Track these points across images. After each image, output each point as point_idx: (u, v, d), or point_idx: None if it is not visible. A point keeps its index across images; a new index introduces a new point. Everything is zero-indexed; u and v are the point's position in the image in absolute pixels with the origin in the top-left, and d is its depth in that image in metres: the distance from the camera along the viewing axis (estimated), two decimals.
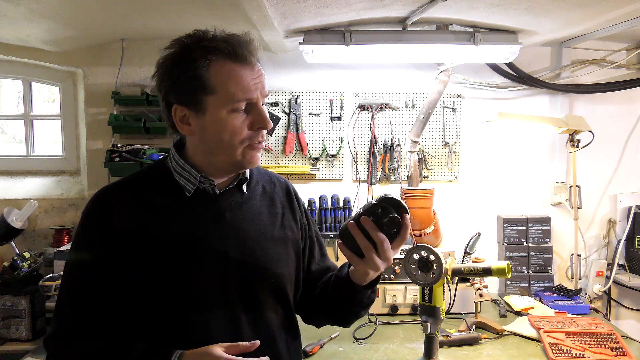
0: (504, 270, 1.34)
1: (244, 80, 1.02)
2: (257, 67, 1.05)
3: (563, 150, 2.49)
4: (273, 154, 2.53)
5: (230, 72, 1.01)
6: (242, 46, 1.01)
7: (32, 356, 1.84)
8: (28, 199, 2.38)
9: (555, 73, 2.52)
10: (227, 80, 1.01)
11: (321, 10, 1.77)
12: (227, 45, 1.01)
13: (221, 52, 1.01)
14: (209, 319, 1.07)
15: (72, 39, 2.33)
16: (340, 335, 1.97)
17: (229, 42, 1.01)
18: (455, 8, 1.81)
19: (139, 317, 1.07)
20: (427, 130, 2.51)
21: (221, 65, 1.01)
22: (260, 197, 1.20)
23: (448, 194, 2.56)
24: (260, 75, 1.05)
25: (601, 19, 1.95)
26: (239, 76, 1.01)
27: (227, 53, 1.01)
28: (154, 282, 1.05)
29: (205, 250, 1.08)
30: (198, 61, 1.01)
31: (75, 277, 1.08)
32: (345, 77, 2.52)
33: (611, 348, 1.79)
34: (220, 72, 1.01)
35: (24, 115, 2.73)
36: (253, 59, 1.03)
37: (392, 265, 2.18)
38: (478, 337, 1.92)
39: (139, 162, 2.33)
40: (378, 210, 1.05)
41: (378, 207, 1.05)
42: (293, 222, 1.25)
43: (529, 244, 2.46)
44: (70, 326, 1.06)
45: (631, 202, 2.50)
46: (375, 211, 1.05)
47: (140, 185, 1.13)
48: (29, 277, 2.09)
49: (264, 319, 1.14)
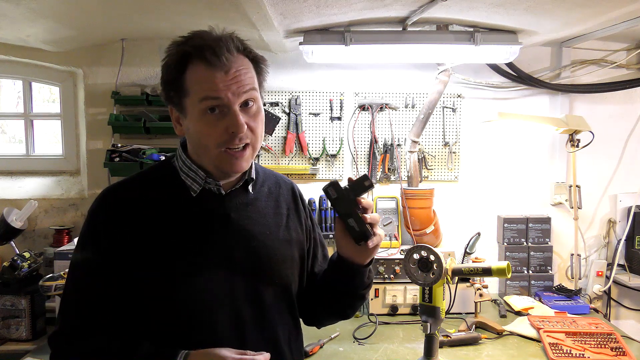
0: (504, 270, 1.35)
1: (210, 82, 1.01)
2: (233, 70, 1.02)
3: (563, 150, 2.49)
4: (273, 154, 2.53)
5: (200, 74, 1.01)
6: (212, 50, 1.00)
7: (32, 356, 1.84)
8: (28, 199, 2.38)
9: (555, 73, 2.52)
10: (197, 83, 1.02)
11: (321, 10, 1.77)
12: (198, 49, 1.01)
13: (196, 55, 1.01)
14: (214, 318, 1.07)
15: (72, 39, 2.33)
16: (340, 335, 1.97)
17: (201, 46, 1.01)
18: (455, 8, 1.81)
19: (144, 316, 1.07)
20: (427, 130, 2.51)
21: (194, 69, 1.02)
22: (265, 198, 1.21)
23: (448, 194, 2.56)
24: (235, 77, 1.02)
25: (601, 19, 1.95)
26: (206, 77, 1.01)
27: (199, 57, 1.01)
28: (159, 281, 1.05)
29: (210, 250, 1.09)
30: (177, 65, 1.03)
31: (81, 276, 1.09)
32: (345, 77, 2.52)
33: (611, 348, 1.79)
34: (192, 75, 1.02)
35: (24, 115, 2.72)
36: (225, 61, 1.01)
37: (392, 266, 2.19)
38: (478, 337, 1.92)
39: (139, 162, 2.34)
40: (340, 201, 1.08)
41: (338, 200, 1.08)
42: (298, 223, 1.25)
43: (529, 244, 2.46)
44: (75, 324, 1.07)
45: (631, 202, 2.50)
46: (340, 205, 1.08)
47: (146, 185, 1.13)
48: (29, 277, 2.09)
49: (268, 319, 1.14)
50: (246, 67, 1.05)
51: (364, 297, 1.25)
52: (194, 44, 1.02)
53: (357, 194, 1.07)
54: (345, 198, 1.07)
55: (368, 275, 1.19)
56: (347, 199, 1.07)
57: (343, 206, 1.07)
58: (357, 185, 1.07)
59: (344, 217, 1.07)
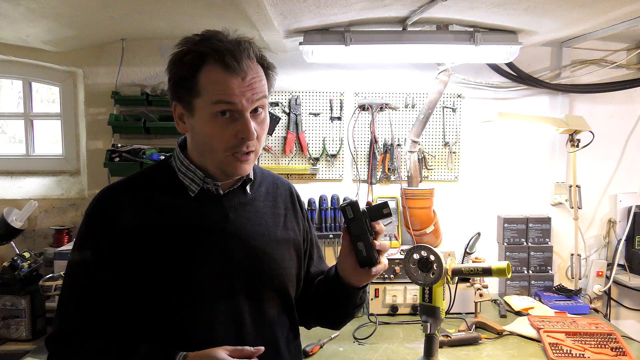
0: (504, 270, 1.34)
1: (226, 86, 1.01)
2: (249, 77, 1.02)
3: (563, 150, 2.49)
4: (273, 154, 2.53)
5: (216, 77, 1.01)
6: (233, 55, 1.00)
7: (32, 356, 1.84)
8: (28, 199, 2.38)
9: (555, 73, 2.52)
10: (211, 85, 1.02)
11: (321, 10, 1.77)
12: (218, 52, 1.01)
13: (214, 57, 1.01)
14: (213, 318, 1.07)
15: (72, 39, 2.33)
16: (340, 335, 1.97)
17: (220, 50, 1.01)
18: (455, 8, 1.81)
19: (142, 317, 1.07)
20: (427, 130, 2.51)
21: (209, 71, 1.02)
22: (263, 198, 1.21)
23: (448, 194, 2.56)
24: (250, 84, 1.02)
25: (601, 19, 1.95)
26: (222, 82, 1.01)
27: (217, 60, 1.01)
28: (158, 282, 1.05)
29: (209, 250, 1.09)
30: (192, 64, 1.02)
31: (79, 277, 1.08)
32: (345, 77, 2.52)
33: (611, 348, 1.79)
34: (207, 76, 1.02)
35: (24, 115, 2.72)
36: (245, 68, 1.02)
37: (392, 266, 2.19)
38: (478, 337, 1.92)
39: (139, 162, 2.33)
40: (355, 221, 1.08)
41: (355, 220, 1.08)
42: (295, 223, 1.25)
43: (529, 244, 2.46)
44: (73, 326, 1.06)
45: (631, 202, 2.49)
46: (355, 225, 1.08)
47: (144, 185, 1.13)
48: (29, 277, 2.09)
49: (266, 319, 1.14)
50: (260, 75, 1.06)
51: (353, 315, 1.28)
52: (212, 46, 1.02)
53: (373, 219, 1.08)
54: (361, 221, 1.07)
55: (360, 296, 1.21)
56: (362, 222, 1.07)
57: (357, 228, 1.07)
58: (375, 211, 1.07)
59: (355, 240, 1.07)
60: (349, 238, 1.09)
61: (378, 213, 1.07)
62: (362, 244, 1.06)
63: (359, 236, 1.07)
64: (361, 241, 1.06)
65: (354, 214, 1.07)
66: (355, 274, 1.13)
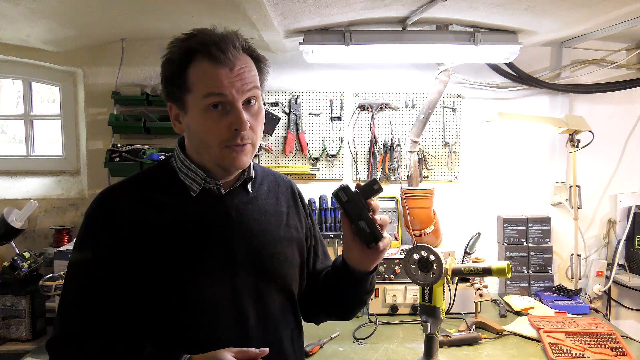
0: (504, 270, 1.35)
1: (215, 78, 1.01)
2: (237, 67, 1.02)
3: (563, 150, 2.49)
4: (273, 154, 2.53)
5: (204, 71, 1.01)
6: (218, 46, 1.00)
7: (32, 356, 1.84)
8: (28, 199, 2.38)
9: (555, 73, 2.52)
10: (200, 79, 1.02)
11: (321, 10, 1.77)
12: (203, 46, 1.01)
13: (199, 52, 1.01)
14: (216, 319, 1.07)
15: (72, 39, 2.33)
16: (340, 335, 1.97)
17: (205, 42, 1.01)
18: (455, 8, 1.81)
19: (144, 318, 1.06)
20: (427, 130, 2.51)
21: (197, 65, 1.02)
22: (265, 197, 1.20)
23: (448, 194, 2.56)
24: (239, 74, 1.02)
25: (601, 19, 1.95)
26: (211, 74, 1.01)
27: (204, 53, 1.01)
28: (160, 282, 1.04)
29: (211, 250, 1.08)
30: (180, 60, 1.03)
31: (80, 278, 1.07)
32: (345, 77, 2.52)
33: (611, 348, 1.79)
34: (196, 71, 1.02)
35: (24, 115, 2.73)
36: (231, 58, 1.01)
37: (392, 266, 2.19)
38: (478, 337, 1.92)
39: (139, 162, 2.34)
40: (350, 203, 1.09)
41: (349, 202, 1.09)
42: (298, 221, 1.25)
43: (529, 244, 2.46)
44: (75, 328, 1.05)
45: (631, 202, 2.49)
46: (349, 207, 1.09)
47: (145, 185, 1.12)
48: (29, 277, 2.09)
49: (270, 318, 1.14)
50: (250, 66, 1.05)
51: (365, 302, 1.26)
52: (198, 40, 1.02)
53: (367, 197, 1.08)
54: (356, 201, 1.07)
55: (371, 281, 1.20)
56: (357, 202, 1.07)
57: (354, 209, 1.07)
58: (366, 189, 1.08)
59: (355, 220, 1.07)
60: (349, 222, 1.08)
61: (370, 190, 1.08)
62: (363, 222, 1.07)
63: (359, 215, 1.07)
64: (362, 219, 1.07)
65: (348, 196, 1.07)
66: (363, 257, 1.12)
